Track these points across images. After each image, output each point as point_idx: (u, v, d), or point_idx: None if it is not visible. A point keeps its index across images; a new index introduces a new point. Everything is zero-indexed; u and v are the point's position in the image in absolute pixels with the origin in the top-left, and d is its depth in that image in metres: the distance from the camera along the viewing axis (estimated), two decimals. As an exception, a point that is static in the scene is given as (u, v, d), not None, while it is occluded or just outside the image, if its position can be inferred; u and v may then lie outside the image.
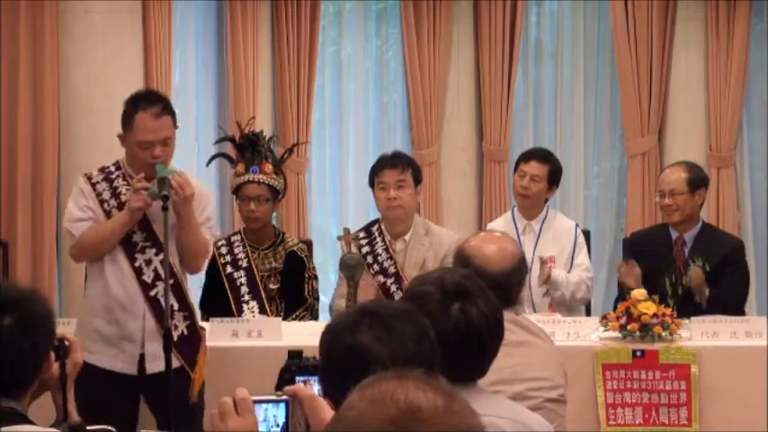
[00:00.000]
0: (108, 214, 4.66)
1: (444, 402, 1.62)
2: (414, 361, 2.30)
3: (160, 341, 4.47)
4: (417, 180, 5.63)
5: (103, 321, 4.64)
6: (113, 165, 4.75)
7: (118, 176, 4.69)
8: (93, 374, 4.47)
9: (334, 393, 2.32)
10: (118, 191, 4.66)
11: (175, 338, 4.59)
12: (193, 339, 4.68)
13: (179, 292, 4.65)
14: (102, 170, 4.75)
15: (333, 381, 2.36)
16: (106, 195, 4.67)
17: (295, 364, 2.60)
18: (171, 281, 4.55)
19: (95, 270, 4.70)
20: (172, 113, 4.61)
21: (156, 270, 4.60)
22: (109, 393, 4.53)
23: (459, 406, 1.63)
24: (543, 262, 5.65)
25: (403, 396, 1.62)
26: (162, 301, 4.52)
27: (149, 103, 4.58)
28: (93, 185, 4.69)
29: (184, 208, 4.56)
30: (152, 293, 4.59)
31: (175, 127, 4.65)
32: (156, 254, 4.60)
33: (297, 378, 2.58)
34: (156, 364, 4.55)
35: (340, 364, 2.34)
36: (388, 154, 5.74)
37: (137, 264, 4.61)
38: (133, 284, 4.60)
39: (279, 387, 2.58)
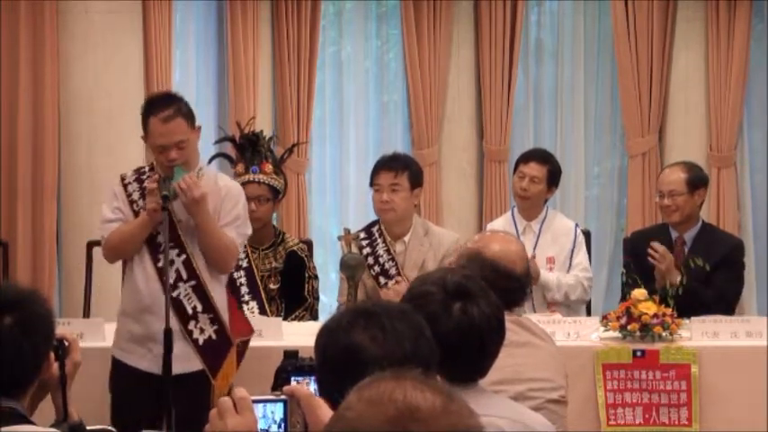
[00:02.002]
0: (137, 214, 4.68)
1: (442, 402, 1.62)
2: (410, 360, 2.30)
3: (184, 342, 4.54)
4: (416, 183, 5.61)
5: (132, 321, 4.69)
6: (148, 165, 4.78)
7: (148, 177, 4.70)
8: (123, 372, 4.68)
9: (331, 394, 2.31)
10: (146, 191, 4.68)
11: (201, 342, 4.62)
12: (221, 346, 4.66)
13: (202, 293, 4.64)
14: (136, 171, 4.79)
15: (329, 381, 2.36)
16: (136, 196, 4.70)
17: (291, 365, 2.59)
18: (193, 282, 4.60)
19: (128, 270, 4.75)
20: (186, 115, 4.60)
21: (178, 271, 4.61)
22: (137, 392, 4.61)
23: (457, 406, 1.63)
24: (531, 257, 5.66)
25: (401, 396, 1.62)
26: (185, 302, 4.59)
27: (159, 107, 4.60)
28: (125, 186, 4.73)
29: (195, 210, 4.56)
30: (174, 294, 4.59)
31: (193, 128, 4.64)
32: (179, 254, 4.60)
33: (293, 378, 2.57)
34: (179, 365, 4.55)
35: (336, 364, 2.34)
36: (387, 155, 5.74)
37: (160, 264, 4.61)
38: (156, 285, 4.62)
39: (275, 387, 2.57)
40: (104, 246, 4.75)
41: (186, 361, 4.59)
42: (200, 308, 4.63)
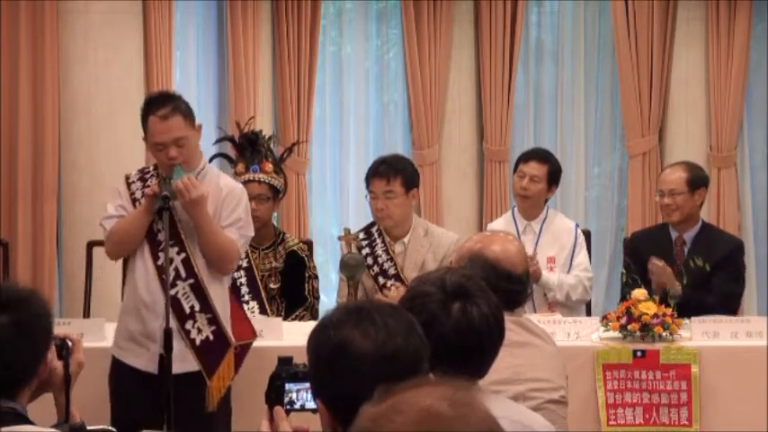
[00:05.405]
0: None
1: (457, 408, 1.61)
2: (402, 354, 2.30)
3: (180, 342, 4.52)
4: (411, 185, 5.60)
5: (132, 319, 4.69)
6: (152, 166, 4.80)
7: (152, 176, 4.72)
8: (122, 371, 4.67)
9: (324, 392, 2.32)
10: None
11: (198, 342, 4.61)
12: (218, 346, 4.65)
13: (200, 292, 4.63)
14: (140, 170, 4.82)
15: (322, 379, 2.35)
16: (138, 195, 4.71)
17: (285, 371, 2.56)
18: (191, 281, 4.59)
19: (130, 267, 4.75)
20: (184, 113, 4.59)
21: (177, 269, 4.59)
22: (135, 391, 4.61)
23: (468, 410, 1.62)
24: (530, 258, 5.66)
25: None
26: (182, 301, 4.58)
27: (158, 105, 4.60)
28: (129, 185, 4.74)
29: (193, 211, 4.56)
30: (172, 293, 4.58)
31: (193, 126, 4.64)
32: (178, 252, 4.60)
33: (287, 385, 2.55)
34: (176, 365, 4.53)
35: (328, 361, 2.33)
36: (379, 160, 5.73)
37: (159, 262, 4.61)
38: (156, 283, 4.62)
39: (269, 394, 2.56)
40: (107, 239, 4.73)
41: (183, 361, 4.57)
42: (197, 307, 4.62)
